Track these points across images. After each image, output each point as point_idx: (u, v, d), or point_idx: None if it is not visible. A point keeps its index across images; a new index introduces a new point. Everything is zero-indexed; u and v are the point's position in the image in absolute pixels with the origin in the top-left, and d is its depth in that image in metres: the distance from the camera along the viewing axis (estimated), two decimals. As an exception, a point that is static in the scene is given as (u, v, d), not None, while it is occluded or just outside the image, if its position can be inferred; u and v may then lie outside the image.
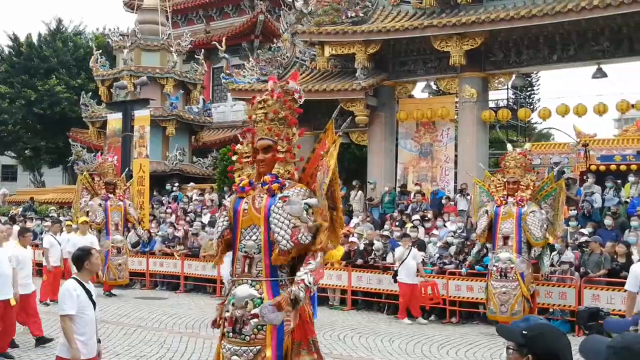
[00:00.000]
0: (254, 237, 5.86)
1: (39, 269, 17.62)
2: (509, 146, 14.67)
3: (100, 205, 18.31)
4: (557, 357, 3.08)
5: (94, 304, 6.80)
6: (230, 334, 5.76)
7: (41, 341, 11.55)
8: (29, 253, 12.33)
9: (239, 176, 6.20)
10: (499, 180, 13.91)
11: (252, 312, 5.66)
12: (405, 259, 14.76)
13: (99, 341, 6.90)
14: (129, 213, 19.17)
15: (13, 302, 10.59)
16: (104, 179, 18.72)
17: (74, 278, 6.79)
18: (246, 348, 5.67)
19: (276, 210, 5.78)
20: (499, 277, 13.20)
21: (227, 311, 5.81)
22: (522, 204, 13.32)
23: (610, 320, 3.73)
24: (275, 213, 5.78)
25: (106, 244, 18.22)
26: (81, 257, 6.79)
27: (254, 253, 5.82)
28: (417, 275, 14.75)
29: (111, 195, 18.58)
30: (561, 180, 14.67)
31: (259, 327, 5.65)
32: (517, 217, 13.27)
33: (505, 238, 13.34)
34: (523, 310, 12.86)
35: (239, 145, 6.33)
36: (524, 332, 3.09)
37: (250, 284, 5.79)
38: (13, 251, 11.15)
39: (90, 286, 6.82)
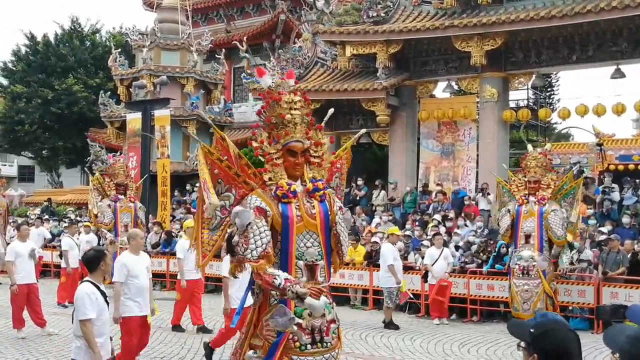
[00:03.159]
0: (314, 244, 5.74)
1: (57, 271, 17.54)
2: (530, 146, 14.74)
3: (109, 206, 18.34)
4: (563, 355, 3.04)
5: (107, 304, 6.85)
6: (309, 345, 5.62)
7: None
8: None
9: (272, 179, 5.87)
10: (520, 180, 14.01)
11: (329, 318, 5.68)
12: (438, 258, 14.91)
13: (110, 339, 6.99)
14: (139, 217, 19.18)
15: None
16: (115, 180, 18.75)
17: (88, 281, 6.78)
18: (328, 355, 5.67)
19: (338, 219, 5.86)
20: (521, 275, 13.26)
21: (298, 323, 5.58)
22: (544, 203, 13.39)
23: (633, 307, 3.77)
24: (340, 221, 5.86)
25: (114, 245, 18.26)
26: (96, 258, 6.79)
27: (317, 260, 5.72)
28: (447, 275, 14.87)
29: (121, 197, 18.54)
30: (580, 179, 14.75)
31: (335, 331, 5.76)
32: (538, 216, 13.35)
33: (527, 236, 13.42)
34: (546, 308, 12.93)
35: (264, 144, 5.97)
36: (531, 330, 3.09)
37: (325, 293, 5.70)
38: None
39: (103, 287, 6.83)
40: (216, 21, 38.84)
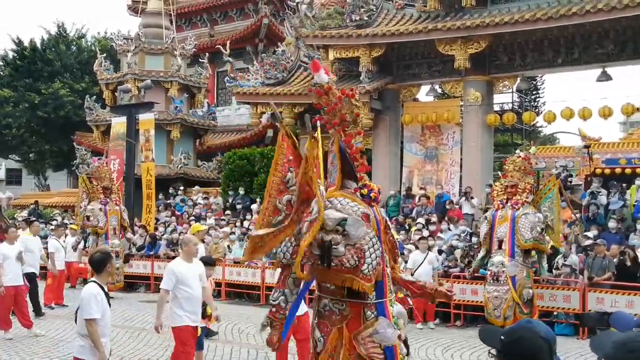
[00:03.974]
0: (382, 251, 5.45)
1: (43, 272, 17.64)
2: (518, 151, 14.62)
3: (101, 209, 18.35)
4: None
5: (109, 306, 6.91)
6: (406, 356, 5.49)
7: None
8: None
9: (365, 180, 5.63)
10: (500, 185, 13.89)
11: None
12: (422, 263, 14.77)
13: None
14: (123, 218, 19.19)
15: None
16: (101, 184, 18.75)
17: (94, 281, 6.82)
18: None
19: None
20: (492, 281, 13.18)
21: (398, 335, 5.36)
22: (517, 207, 13.25)
23: (617, 314, 3.68)
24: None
25: (105, 249, 18.21)
26: (103, 260, 6.83)
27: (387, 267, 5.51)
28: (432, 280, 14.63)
29: (109, 200, 18.63)
30: (557, 180, 14.51)
31: None
32: (511, 221, 13.20)
33: (500, 242, 13.30)
34: (514, 315, 12.79)
35: (359, 143, 5.63)
36: (502, 337, 3.02)
37: (395, 302, 5.56)
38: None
39: (105, 289, 6.87)
40: (200, 25, 38.84)
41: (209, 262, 9.95)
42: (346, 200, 5.36)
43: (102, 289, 6.78)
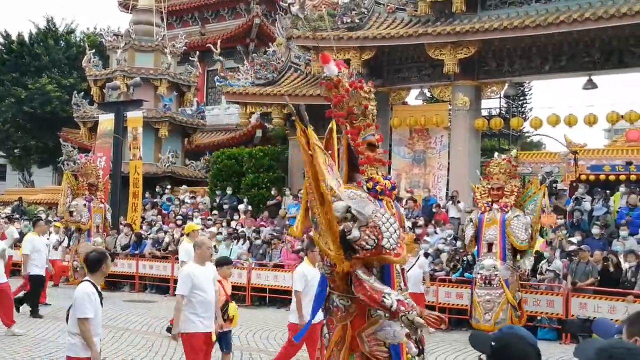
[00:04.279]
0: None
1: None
2: (496, 154, 14.66)
3: (85, 205, 18.27)
4: None
5: (101, 305, 6.93)
6: (417, 357, 5.47)
7: None
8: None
9: (372, 173, 5.49)
10: (484, 187, 13.89)
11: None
12: (412, 266, 14.72)
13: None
14: (107, 219, 19.10)
15: None
16: (87, 180, 18.65)
17: (88, 280, 6.82)
18: None
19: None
20: (483, 285, 13.12)
21: (407, 333, 5.22)
22: (506, 210, 13.27)
23: (598, 320, 3.77)
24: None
25: (87, 246, 18.16)
26: (98, 259, 6.83)
27: (403, 264, 5.41)
28: (422, 284, 14.53)
29: (93, 197, 18.51)
30: (543, 185, 14.63)
31: None
32: (501, 223, 13.20)
33: (490, 245, 13.32)
34: (510, 319, 12.82)
35: (370, 135, 5.50)
36: (492, 343, 3.06)
37: (409, 299, 5.34)
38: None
39: (99, 288, 6.88)
40: (191, 24, 38.73)
41: (226, 261, 9.65)
42: (351, 191, 5.27)
43: (96, 288, 6.78)
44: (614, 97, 34.61)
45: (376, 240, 4.88)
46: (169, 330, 13.05)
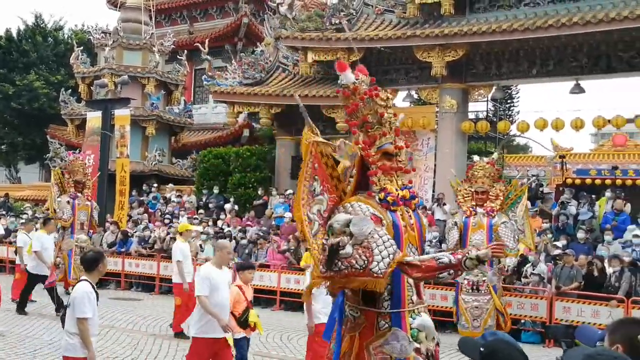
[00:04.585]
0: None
1: (12, 267, 17.54)
2: (476, 157, 14.59)
3: (68, 202, 18.21)
4: None
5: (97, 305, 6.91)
6: None
7: None
8: None
9: (377, 184, 5.33)
10: (466, 190, 13.76)
11: (436, 340, 5.31)
12: None
13: None
14: (93, 216, 19.05)
15: None
16: (74, 177, 18.61)
17: (85, 280, 6.79)
18: None
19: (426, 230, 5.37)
20: (470, 291, 13.01)
21: (416, 348, 5.10)
22: (493, 215, 13.15)
23: (582, 327, 3.79)
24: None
25: (70, 243, 18.15)
26: (95, 259, 6.84)
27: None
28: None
29: (79, 195, 18.46)
30: (524, 186, 14.56)
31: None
32: (488, 228, 13.07)
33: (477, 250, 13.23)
34: (497, 325, 12.78)
35: (387, 144, 5.34)
36: (481, 349, 3.08)
37: (426, 312, 5.32)
38: None
39: (95, 288, 6.84)
40: (179, 22, 38.68)
41: (248, 266, 9.32)
42: (359, 204, 5.14)
43: (93, 287, 6.76)
44: (601, 102, 34.72)
45: (365, 262, 4.74)
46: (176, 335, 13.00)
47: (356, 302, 5.20)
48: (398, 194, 5.26)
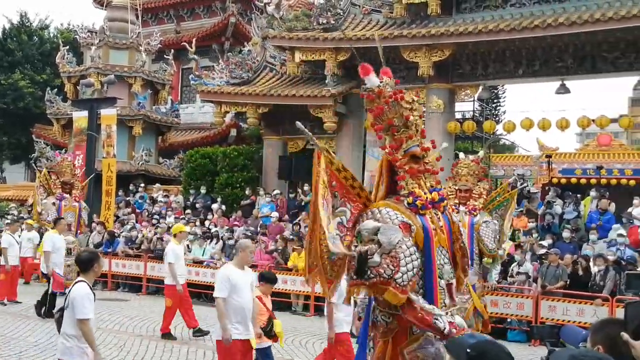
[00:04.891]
0: (446, 261, 5.20)
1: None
2: (461, 154, 14.59)
3: (54, 204, 18.10)
4: None
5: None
6: None
7: None
8: None
9: (404, 188, 5.27)
10: (449, 188, 13.74)
11: None
12: None
13: None
14: (82, 217, 18.97)
15: None
16: (61, 178, 18.51)
17: (82, 281, 6.75)
18: None
19: (460, 233, 5.35)
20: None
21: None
22: (475, 214, 13.14)
23: (566, 328, 3.86)
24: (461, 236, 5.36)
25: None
26: (90, 259, 6.82)
27: (451, 278, 5.22)
28: None
29: (67, 195, 18.34)
30: (514, 191, 14.63)
31: None
32: (469, 227, 12.94)
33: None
34: (475, 325, 12.79)
35: (414, 147, 5.28)
36: (468, 350, 3.10)
37: (459, 314, 5.24)
38: None
39: (92, 288, 6.82)
40: (166, 21, 38.56)
41: (272, 279, 9.05)
42: (387, 209, 5.08)
43: (90, 288, 6.74)
44: (586, 102, 34.97)
45: (392, 272, 4.76)
46: (196, 332, 12.94)
47: (387, 307, 5.12)
48: (427, 198, 5.20)
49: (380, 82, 5.42)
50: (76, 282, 6.89)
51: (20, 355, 10.99)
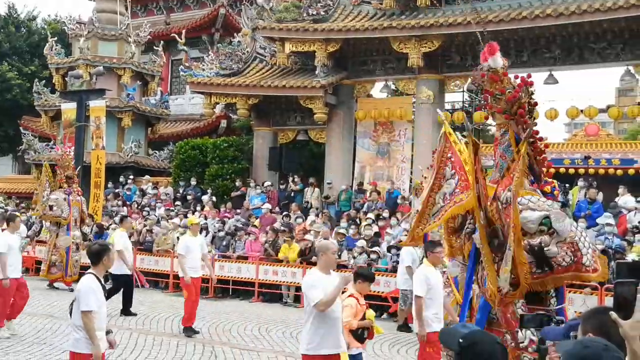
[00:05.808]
0: None
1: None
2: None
3: (65, 199, 18.03)
4: None
5: (105, 298, 6.87)
6: None
7: None
8: None
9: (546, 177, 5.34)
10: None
11: None
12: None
13: (109, 332, 6.91)
14: (83, 210, 18.93)
15: None
16: (65, 173, 18.38)
17: (92, 274, 6.76)
18: None
19: None
20: None
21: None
22: None
23: (545, 329, 3.92)
24: None
25: (67, 240, 18.04)
26: (100, 252, 6.79)
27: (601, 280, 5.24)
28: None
29: (72, 190, 18.31)
30: None
31: None
32: None
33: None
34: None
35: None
36: (460, 340, 3.15)
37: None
38: None
39: (102, 281, 6.81)
40: (155, 13, 38.41)
41: (368, 277, 8.15)
42: (534, 197, 4.99)
43: (100, 281, 6.74)
44: (574, 92, 35.17)
45: (573, 258, 4.70)
46: (188, 331, 12.78)
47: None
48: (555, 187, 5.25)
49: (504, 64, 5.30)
50: (84, 275, 6.93)
51: (7, 350, 10.93)
